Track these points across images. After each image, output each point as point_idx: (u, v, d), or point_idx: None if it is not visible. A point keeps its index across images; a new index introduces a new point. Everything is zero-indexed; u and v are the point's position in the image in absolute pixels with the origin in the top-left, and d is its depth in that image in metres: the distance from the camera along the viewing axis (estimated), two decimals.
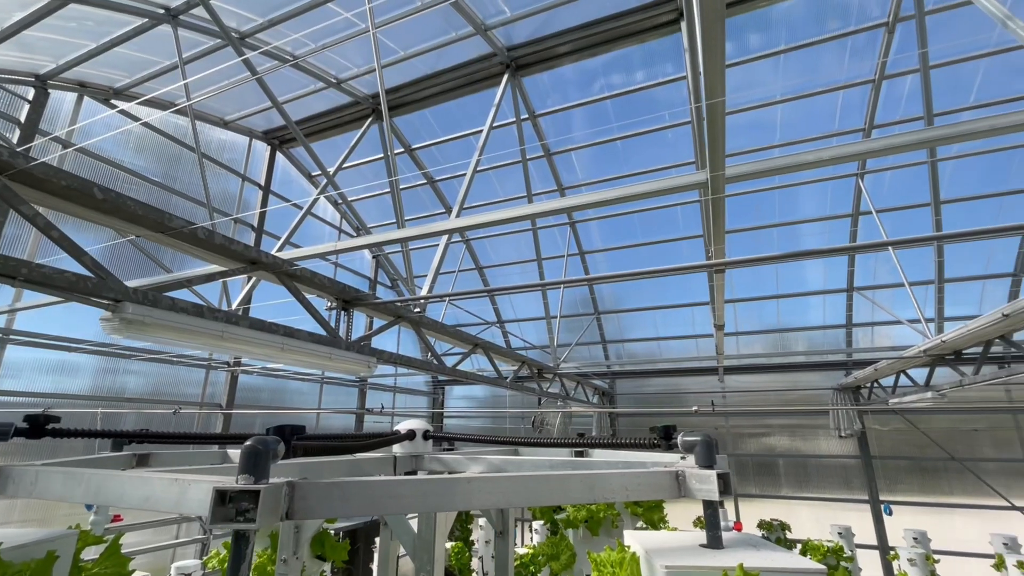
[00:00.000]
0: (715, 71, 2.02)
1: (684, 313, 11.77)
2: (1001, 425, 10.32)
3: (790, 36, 7.20)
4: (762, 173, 2.97)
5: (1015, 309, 4.57)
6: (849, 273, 9.88)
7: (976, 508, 10.40)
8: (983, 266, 9.05)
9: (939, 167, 7.50)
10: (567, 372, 10.26)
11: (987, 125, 2.78)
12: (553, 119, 8.95)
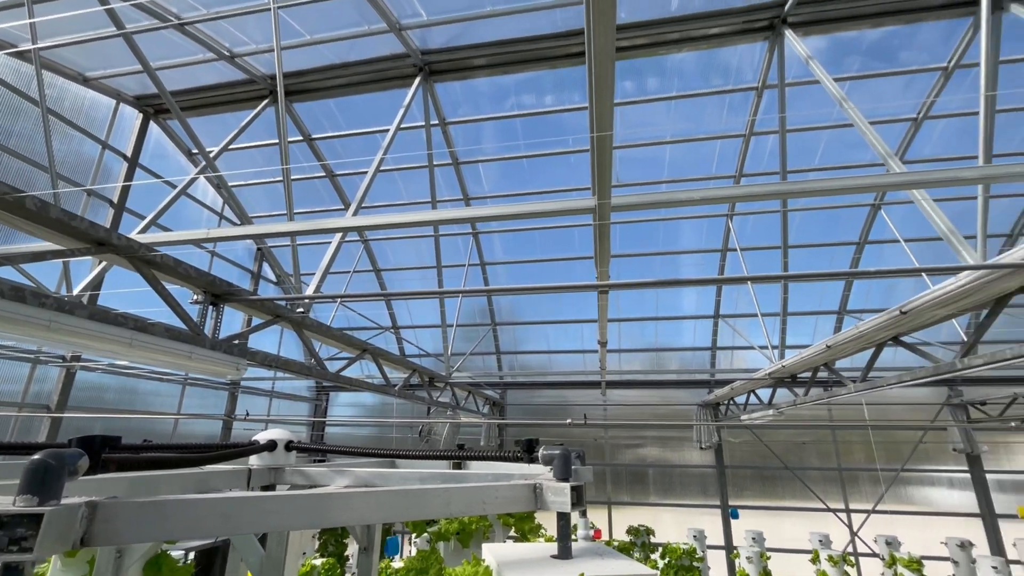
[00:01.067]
0: (604, 107, 2.17)
1: (575, 329, 12.37)
2: (823, 439, 12.18)
3: (681, 85, 7.99)
4: (643, 205, 3.23)
5: (835, 341, 5.44)
6: (716, 302, 11.11)
7: (803, 511, 12.09)
8: (817, 303, 10.71)
9: (789, 216, 8.76)
10: (459, 381, 10.23)
11: (825, 186, 3.29)
12: (464, 129, 8.99)
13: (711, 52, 7.38)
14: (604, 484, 12.88)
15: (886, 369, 8.75)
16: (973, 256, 3.79)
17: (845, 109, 5.44)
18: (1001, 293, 3.78)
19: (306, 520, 1.27)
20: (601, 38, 1.83)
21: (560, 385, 13.62)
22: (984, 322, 4.02)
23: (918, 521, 11.51)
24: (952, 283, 3.77)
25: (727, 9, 6.64)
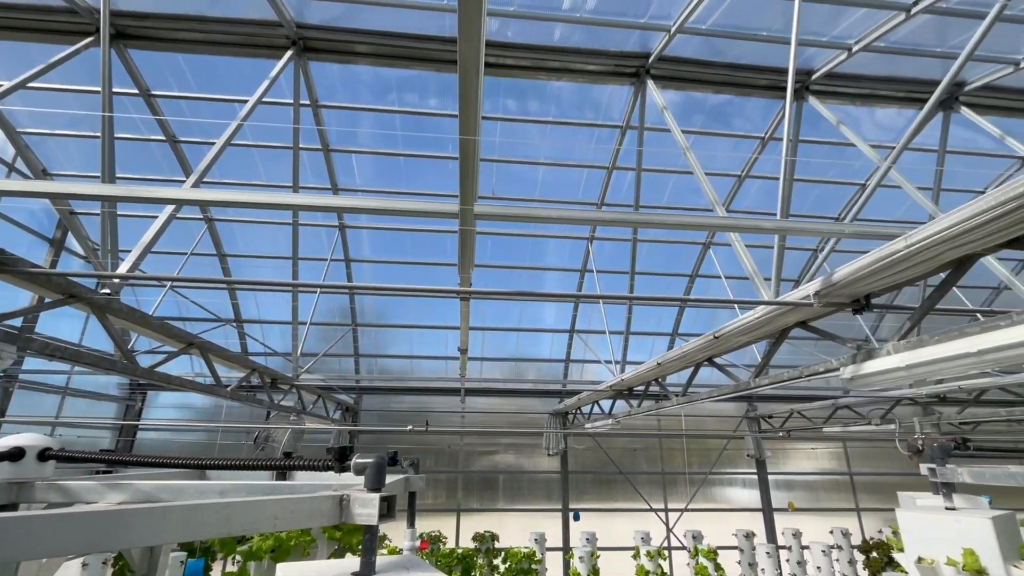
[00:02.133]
0: (469, 113, 2.17)
1: (439, 335, 12.29)
2: (652, 446, 13.69)
3: (558, 112, 8.48)
4: (506, 216, 3.31)
5: (665, 359, 6.16)
6: (573, 317, 11.91)
7: (632, 511, 13.39)
8: (656, 325, 12.09)
9: (638, 246, 9.78)
10: (308, 384, 9.47)
11: (662, 220, 3.69)
12: (339, 115, 8.47)
13: (587, 86, 7.96)
14: (456, 491, 12.91)
15: (703, 385, 10.20)
16: (767, 294, 4.56)
17: (688, 157, 6.24)
18: (784, 326, 4.61)
19: (41, 547, 1.01)
20: (467, 44, 1.82)
21: (420, 391, 13.39)
22: (771, 349, 4.86)
23: (720, 516, 13.47)
24: (751, 315, 4.51)
25: (602, 50, 7.23)
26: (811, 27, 6.68)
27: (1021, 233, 2.74)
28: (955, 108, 7.53)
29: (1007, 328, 2.75)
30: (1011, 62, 6.92)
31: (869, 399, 9.96)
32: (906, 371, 3.35)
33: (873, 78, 7.47)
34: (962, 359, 3.03)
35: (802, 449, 14.24)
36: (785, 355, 12.42)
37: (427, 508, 12.73)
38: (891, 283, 3.51)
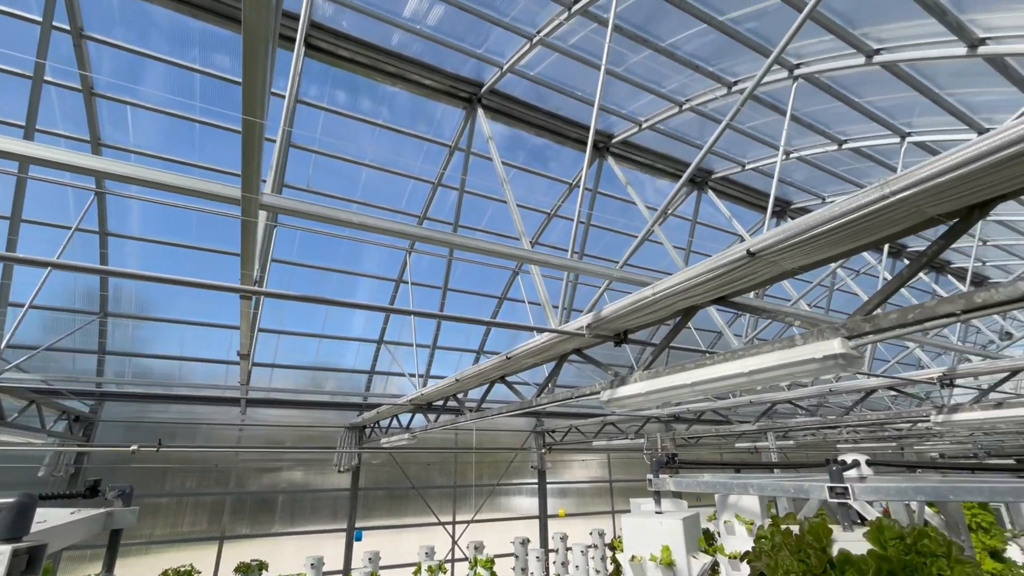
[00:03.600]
0: (254, 88, 1.93)
1: (223, 335, 10.68)
2: (448, 460, 13.96)
3: (391, 117, 8.29)
4: (300, 213, 3.04)
5: (462, 376, 6.37)
6: (383, 328, 11.57)
7: (423, 526, 13.36)
8: (464, 341, 12.51)
9: (454, 264, 10.06)
10: (13, 385, 7.23)
11: (471, 244, 3.82)
12: (114, 55, 6.87)
13: (423, 100, 7.95)
14: (221, 515, 11.19)
15: (499, 401, 10.85)
16: (554, 321, 5.08)
17: (504, 188, 6.67)
18: (564, 352, 5.18)
19: None
20: (255, 11, 1.63)
21: (189, 399, 11.37)
22: (554, 371, 5.41)
23: (505, 526, 14.34)
24: (538, 340, 4.96)
25: (440, 68, 7.34)
26: (615, 99, 7.85)
27: (725, 293, 3.57)
28: (704, 190, 9.62)
29: (711, 366, 3.53)
30: (740, 163, 9.15)
31: (628, 417, 11.85)
32: (645, 396, 4.04)
33: (655, 152, 9.10)
34: (683, 388, 3.79)
35: (576, 460, 16.16)
36: (572, 377, 14.06)
37: (182, 538, 10.77)
38: (643, 322, 4.22)
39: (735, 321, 12.65)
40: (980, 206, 2.44)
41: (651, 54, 6.52)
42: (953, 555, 2.02)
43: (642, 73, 7.12)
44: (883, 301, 2.80)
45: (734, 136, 8.32)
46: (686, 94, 7.40)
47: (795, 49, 5.98)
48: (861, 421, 8.76)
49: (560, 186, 9.99)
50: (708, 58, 6.53)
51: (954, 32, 4.66)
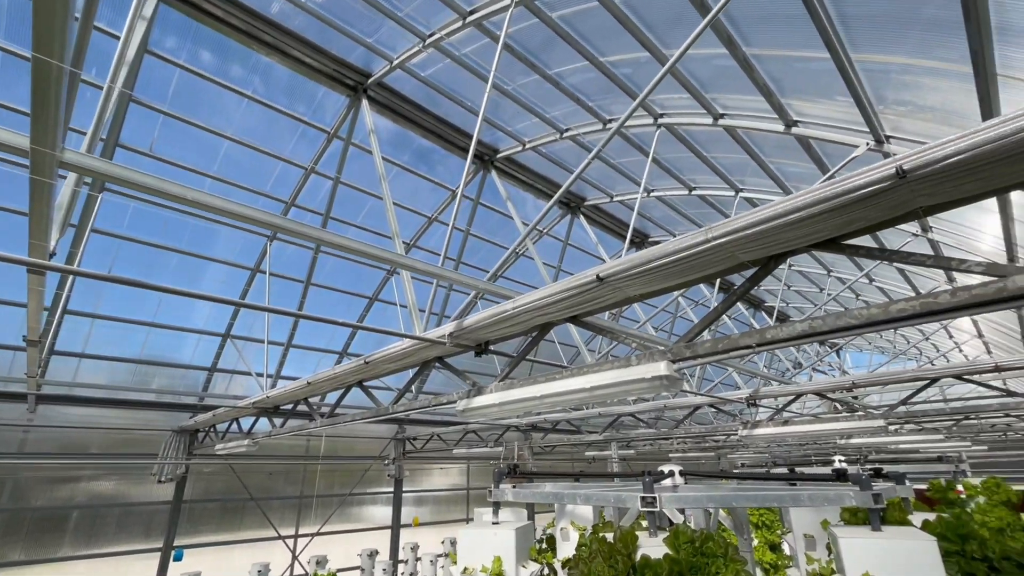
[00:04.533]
0: (49, 14, 1.60)
1: (11, 313, 8.68)
2: (295, 469, 12.91)
3: (265, 91, 7.53)
4: (119, 180, 2.59)
5: (315, 379, 5.94)
6: (231, 322, 10.37)
7: (260, 541, 12.12)
8: (327, 342, 11.73)
9: (321, 258, 9.44)
10: None
11: (338, 241, 3.57)
12: None
13: (303, 78, 7.36)
14: None
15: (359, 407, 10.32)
16: (419, 328, 4.98)
17: (383, 185, 6.44)
18: (426, 359, 5.11)
19: None
20: None
21: None
22: (413, 378, 5.30)
23: (355, 537, 13.60)
24: (398, 345, 4.82)
25: (325, 49, 6.88)
26: (503, 116, 8.06)
27: (577, 312, 3.81)
28: (577, 215, 10.30)
29: (560, 380, 3.73)
30: (609, 194, 9.97)
31: (490, 425, 12.08)
32: (499, 407, 4.13)
33: (536, 173, 9.51)
34: (533, 400, 3.94)
35: (436, 468, 16.02)
36: (440, 385, 13.96)
37: None
38: (503, 334, 4.33)
39: (594, 339, 13.65)
40: (776, 257, 2.92)
41: (539, 80, 6.82)
42: (729, 555, 2.41)
43: (529, 95, 7.41)
44: (702, 331, 3.21)
45: (606, 169, 9.04)
46: (567, 123, 7.86)
47: (661, 100, 6.71)
48: (688, 434, 10.03)
49: (444, 192, 9.95)
50: (589, 93, 7.03)
51: (776, 111, 5.61)
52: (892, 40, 4.17)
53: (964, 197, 2.41)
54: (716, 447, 16.04)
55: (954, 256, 7.28)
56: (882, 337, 14.79)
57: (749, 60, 5.02)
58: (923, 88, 4.37)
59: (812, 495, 2.95)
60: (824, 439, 12.28)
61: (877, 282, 10.42)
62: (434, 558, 10.49)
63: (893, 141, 4.99)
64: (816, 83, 5.06)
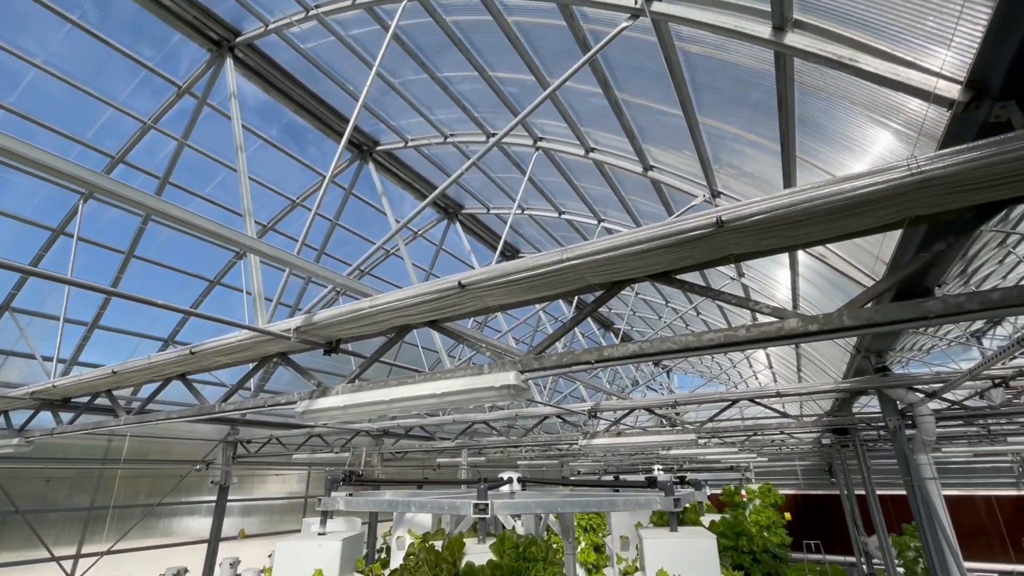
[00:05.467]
0: None
1: None
2: (86, 474, 10.77)
3: (100, 22, 6.30)
4: None
5: (124, 368, 5.04)
6: (13, 292, 8.32)
7: (28, 564, 9.83)
8: (148, 327, 10.05)
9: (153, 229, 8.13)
10: None
11: (174, 212, 3.06)
12: None
13: (155, 19, 6.30)
14: None
15: (177, 404, 8.99)
16: (263, 319, 4.52)
17: (239, 158, 5.77)
18: (267, 354, 4.64)
19: None
20: None
21: None
22: (249, 374, 4.77)
23: (163, 554, 11.71)
24: (234, 337, 4.32)
25: None
26: (388, 109, 7.80)
27: (437, 317, 3.79)
28: (454, 221, 10.33)
29: (410, 385, 3.65)
30: (486, 206, 10.19)
31: (337, 429, 11.39)
32: (344, 410, 3.91)
33: (416, 173, 9.34)
34: (382, 404, 3.80)
35: (271, 474, 14.59)
36: (286, 384, 12.78)
37: None
38: (357, 334, 4.12)
39: (457, 347, 13.74)
40: (620, 283, 3.23)
41: (427, 80, 6.73)
42: (548, 558, 2.58)
43: (417, 94, 7.28)
44: (550, 344, 3.40)
45: (487, 182, 9.23)
46: (453, 129, 7.88)
47: (541, 125, 7.07)
48: (535, 442, 10.56)
49: (315, 176, 9.26)
50: (476, 104, 7.13)
51: (637, 155, 6.26)
52: (729, 112, 4.93)
53: (764, 250, 2.91)
54: (560, 455, 17.11)
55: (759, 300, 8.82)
56: (702, 362, 17.26)
57: (620, 104, 5.54)
58: (746, 156, 5.23)
59: (626, 500, 3.33)
60: (650, 450, 13.85)
61: (703, 315, 12.13)
62: (258, 573, 9.50)
63: (723, 197, 5.88)
64: (671, 136, 5.76)
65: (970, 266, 7.71)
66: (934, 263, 4.02)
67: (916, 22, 2.57)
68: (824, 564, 19.35)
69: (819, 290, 6.93)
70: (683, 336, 2.89)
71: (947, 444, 13.26)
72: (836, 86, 3.48)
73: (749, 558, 4.40)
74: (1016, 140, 2.06)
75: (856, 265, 5.06)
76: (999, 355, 4.23)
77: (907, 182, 2.24)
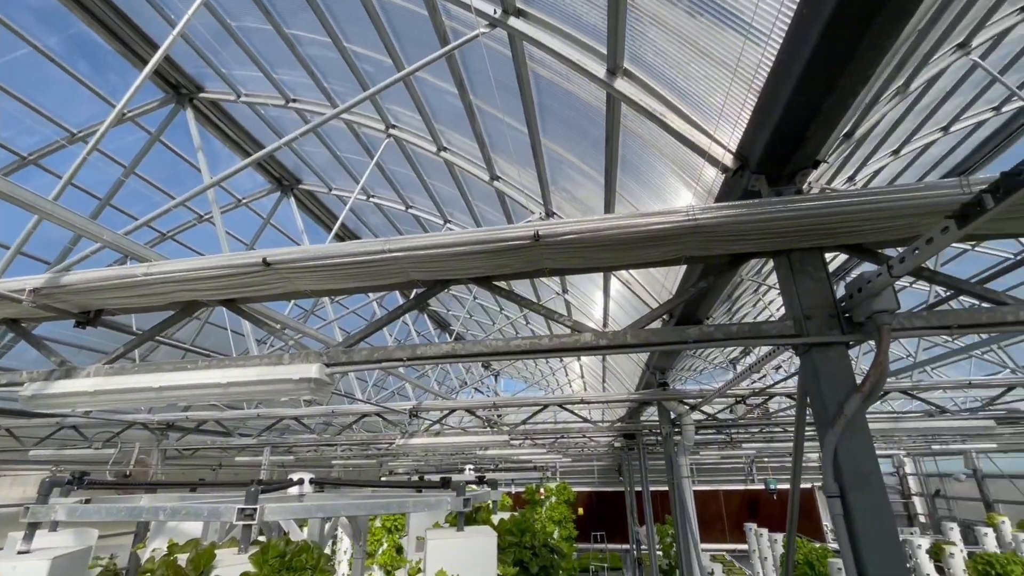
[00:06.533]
0: None
1: None
2: None
3: None
4: None
5: None
6: None
7: None
8: None
9: None
10: None
11: None
12: None
13: None
14: None
15: None
16: None
17: None
18: None
19: None
20: None
21: None
22: None
23: None
24: None
25: None
26: (220, 56, 6.74)
27: (235, 296, 3.33)
28: (289, 196, 9.37)
29: (189, 371, 3.13)
30: (329, 185, 9.46)
31: (101, 420, 9.34)
32: (93, 396, 3.18)
33: (247, 133, 8.24)
34: (149, 392, 3.18)
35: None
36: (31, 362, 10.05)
37: None
38: (128, 305, 3.41)
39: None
40: (443, 282, 3.22)
41: (273, 34, 6.00)
42: (320, 566, 2.41)
43: (258, 45, 6.44)
44: (363, 339, 3.24)
45: (333, 161, 8.57)
46: (297, 93, 7.15)
47: (396, 112, 6.82)
48: (350, 441, 10.01)
49: (108, 109, 7.53)
50: (327, 73, 6.57)
51: (486, 163, 6.43)
52: (569, 140, 5.35)
53: (575, 267, 3.18)
54: (379, 455, 16.58)
55: (579, 316, 9.73)
56: (527, 368, 18.46)
57: (474, 108, 5.62)
58: (578, 184, 5.73)
59: (417, 502, 3.31)
60: (468, 450, 14.24)
61: (531, 325, 12.96)
62: None
63: (556, 217, 6.35)
64: (518, 151, 6.03)
65: (735, 305, 9.58)
66: (705, 298, 4.87)
67: (708, 95, 3.09)
68: (606, 552, 22.08)
69: (625, 312, 7.91)
70: (493, 341, 2.99)
71: (703, 448, 16.24)
72: (652, 135, 4.01)
73: (529, 553, 4.82)
74: (758, 206, 2.58)
75: (651, 293, 5.89)
76: (736, 379, 5.31)
77: (685, 226, 2.65)
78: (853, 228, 2.63)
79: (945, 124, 7.12)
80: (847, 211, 2.48)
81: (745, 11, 2.60)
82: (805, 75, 2.26)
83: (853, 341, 2.65)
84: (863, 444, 2.48)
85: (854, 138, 5.90)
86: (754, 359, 13.20)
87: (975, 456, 21.95)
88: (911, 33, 2.27)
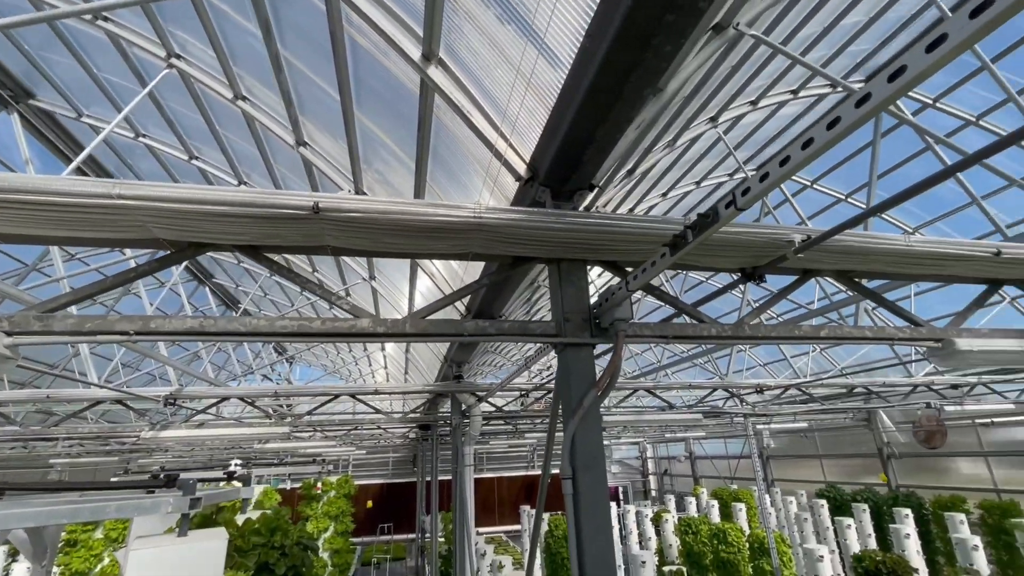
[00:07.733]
0: None
1: None
2: None
3: None
4: None
5: None
6: None
7: None
8: None
9: None
10: None
11: None
12: None
13: None
14: None
15: None
16: None
17: None
18: None
19: None
20: None
21: None
22: None
23: None
24: None
25: None
26: None
27: None
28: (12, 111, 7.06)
29: None
30: (79, 110, 7.42)
31: None
32: None
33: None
34: None
35: None
36: None
37: None
38: None
39: None
40: (197, 245, 2.74)
41: None
42: None
43: None
44: (72, 303, 2.56)
45: (84, 78, 6.72)
46: None
47: (183, 40, 5.68)
48: (75, 434, 7.90)
49: None
50: None
51: (292, 124, 5.78)
52: (387, 120, 5.13)
53: (360, 248, 3.02)
54: (124, 451, 13.64)
55: (387, 305, 9.46)
56: (327, 355, 17.27)
57: (281, 60, 4.99)
58: (392, 168, 5.55)
59: (122, 505, 2.68)
60: (245, 443, 12.67)
61: (335, 310, 12.16)
62: None
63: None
64: (330, 119, 5.56)
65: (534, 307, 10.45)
66: (499, 295, 5.15)
67: (510, 104, 3.26)
68: (391, 543, 22.02)
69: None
70: (254, 319, 2.66)
71: (492, 438, 17.41)
72: (461, 132, 4.07)
73: (277, 553, 4.44)
74: (535, 215, 2.80)
75: (453, 288, 6.03)
76: (514, 374, 5.78)
77: (471, 222, 2.73)
78: (609, 247, 3.05)
79: (699, 179, 8.93)
80: (604, 231, 2.86)
81: (547, 32, 2.81)
82: (584, 103, 2.51)
83: (598, 343, 3.07)
84: (595, 433, 2.88)
85: (636, 175, 6.97)
86: (547, 358, 14.61)
87: (691, 441, 28.10)
88: (673, 96, 2.72)
